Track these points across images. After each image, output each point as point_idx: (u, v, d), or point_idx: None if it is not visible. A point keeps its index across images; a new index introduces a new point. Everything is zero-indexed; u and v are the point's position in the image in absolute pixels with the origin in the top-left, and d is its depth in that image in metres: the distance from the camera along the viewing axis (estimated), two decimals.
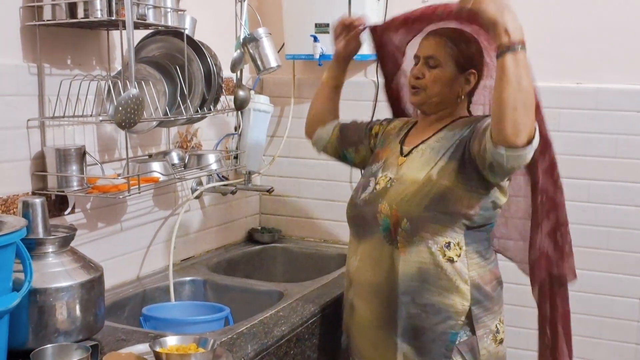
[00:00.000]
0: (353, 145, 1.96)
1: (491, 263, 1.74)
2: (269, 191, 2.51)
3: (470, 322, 1.68)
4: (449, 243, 1.65)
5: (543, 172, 1.71)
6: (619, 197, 2.28)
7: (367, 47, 2.47)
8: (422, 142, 1.76)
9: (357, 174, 2.59)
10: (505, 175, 1.63)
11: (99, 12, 1.66)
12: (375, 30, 1.90)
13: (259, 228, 2.75)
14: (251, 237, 2.71)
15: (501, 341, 1.75)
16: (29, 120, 1.74)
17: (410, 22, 1.80)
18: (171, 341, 1.49)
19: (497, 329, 1.73)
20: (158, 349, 1.43)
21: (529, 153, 1.52)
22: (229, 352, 1.54)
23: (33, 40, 1.72)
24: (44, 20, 1.70)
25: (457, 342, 1.67)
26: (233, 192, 2.46)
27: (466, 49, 1.73)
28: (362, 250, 1.77)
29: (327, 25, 2.47)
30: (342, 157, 2.00)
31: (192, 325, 1.79)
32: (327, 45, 2.48)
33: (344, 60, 1.95)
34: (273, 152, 2.70)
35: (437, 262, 1.65)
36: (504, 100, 1.47)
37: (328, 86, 1.98)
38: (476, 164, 1.62)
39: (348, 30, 1.90)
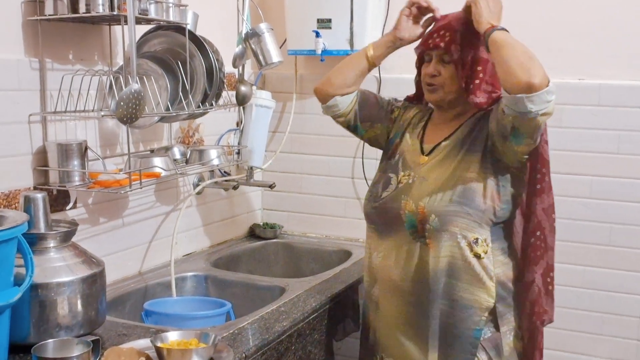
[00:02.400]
0: (369, 121, 1.90)
1: (512, 261, 1.74)
2: (271, 187, 2.51)
3: (495, 318, 1.68)
4: (477, 239, 1.66)
5: (542, 210, 1.71)
6: (621, 193, 2.27)
7: (369, 42, 2.48)
8: (444, 139, 1.76)
9: (358, 171, 2.61)
10: (531, 130, 1.57)
11: (101, 7, 1.66)
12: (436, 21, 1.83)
13: (261, 223, 2.75)
14: (253, 233, 2.71)
15: (522, 338, 1.74)
16: (30, 115, 1.74)
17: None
18: (172, 336, 1.50)
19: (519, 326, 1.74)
20: (159, 344, 1.44)
21: (550, 96, 1.50)
22: (230, 347, 1.54)
23: (35, 35, 1.72)
24: (45, 15, 1.70)
25: (481, 339, 1.68)
26: (235, 188, 2.46)
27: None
28: (385, 247, 1.76)
29: (329, 20, 2.47)
30: (351, 129, 1.93)
31: (193, 320, 1.79)
32: (328, 40, 2.48)
33: (401, 45, 1.85)
34: (275, 147, 2.70)
35: (465, 257, 1.66)
36: (505, 58, 1.52)
37: (367, 63, 1.87)
38: (497, 147, 1.64)
39: (421, 14, 1.82)
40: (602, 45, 2.26)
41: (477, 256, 1.66)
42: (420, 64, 1.83)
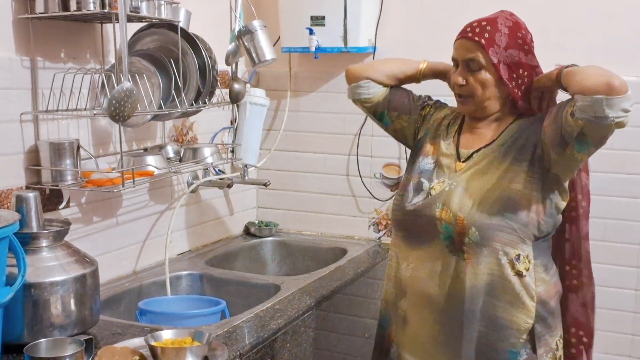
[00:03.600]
0: (396, 111, 1.79)
1: (554, 276, 1.65)
2: (266, 185, 2.50)
3: (532, 339, 1.58)
4: (519, 255, 1.55)
5: (584, 237, 1.70)
6: (616, 188, 2.27)
7: (363, 39, 2.49)
8: (484, 146, 1.64)
9: (353, 168, 2.61)
10: (599, 138, 1.48)
11: (92, 5, 1.65)
12: None
13: (256, 222, 2.75)
14: (248, 231, 2.71)
15: (560, 359, 1.66)
16: (22, 114, 1.73)
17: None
18: (166, 335, 1.49)
19: (557, 346, 1.64)
20: (153, 343, 1.43)
21: (628, 104, 1.41)
22: (225, 346, 1.53)
23: (26, 33, 1.71)
24: (36, 13, 1.69)
25: None
26: (229, 186, 2.45)
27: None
28: (416, 258, 1.64)
29: (323, 17, 2.46)
30: (377, 116, 1.83)
31: (188, 318, 1.79)
32: (322, 37, 2.47)
33: (445, 80, 1.77)
34: (269, 145, 2.69)
35: (505, 275, 1.55)
36: (581, 71, 1.48)
37: (414, 72, 1.79)
38: (549, 156, 1.54)
39: None
40: (598, 41, 2.26)
41: (519, 274, 1.55)
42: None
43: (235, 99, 2.21)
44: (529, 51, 1.62)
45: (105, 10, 1.65)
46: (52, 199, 1.81)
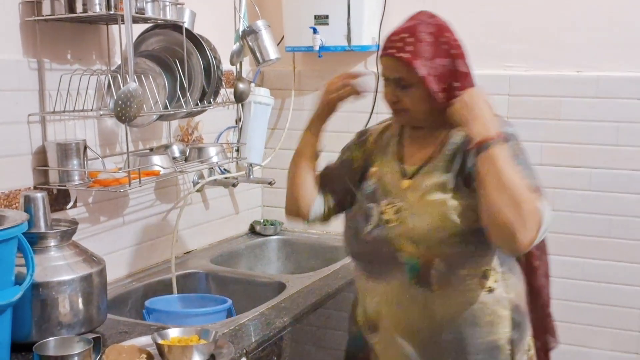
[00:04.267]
0: (345, 185, 1.67)
1: (521, 273, 1.59)
2: (271, 183, 2.51)
3: (512, 348, 1.53)
4: (485, 271, 1.49)
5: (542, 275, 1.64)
6: (620, 184, 2.27)
7: (366, 38, 2.50)
8: (428, 161, 1.54)
9: None
10: None
11: (97, 7, 1.67)
12: None
13: (261, 220, 2.76)
14: (253, 230, 2.72)
15: (531, 358, 1.61)
16: (29, 115, 1.74)
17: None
18: (173, 333, 1.51)
19: (529, 346, 1.60)
20: (160, 341, 1.45)
21: (538, 239, 1.38)
22: (231, 343, 1.55)
23: (33, 35, 1.73)
24: (43, 16, 1.71)
25: None
26: (234, 185, 2.47)
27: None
28: (382, 292, 1.54)
29: (327, 16, 2.47)
30: (349, 205, 1.67)
31: (194, 317, 1.80)
32: (326, 36, 2.48)
33: (330, 113, 1.67)
34: (274, 144, 2.70)
35: (478, 299, 1.48)
36: (488, 205, 1.36)
37: (309, 158, 1.69)
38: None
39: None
40: (600, 37, 2.27)
41: (490, 290, 1.49)
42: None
43: (240, 98, 2.22)
44: (458, 55, 1.49)
45: (111, 12, 1.66)
46: (59, 199, 1.83)
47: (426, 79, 1.45)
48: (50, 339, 1.42)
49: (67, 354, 1.34)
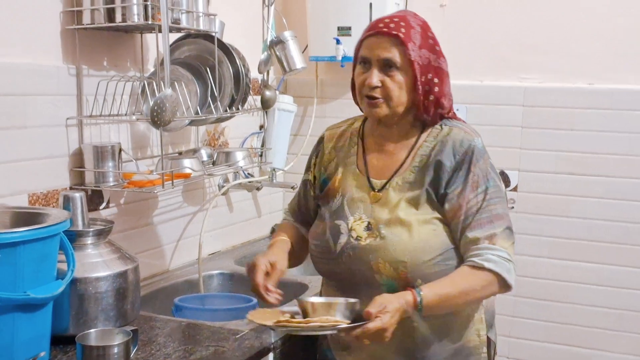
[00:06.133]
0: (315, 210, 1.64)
1: None
2: (293, 188, 2.57)
3: (489, 351, 1.56)
4: None
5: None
6: (635, 193, 2.32)
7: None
8: (395, 173, 1.49)
9: None
10: None
11: (136, 17, 1.74)
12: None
13: None
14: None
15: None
16: (67, 118, 1.82)
17: None
18: (316, 299, 1.44)
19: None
20: (308, 300, 1.40)
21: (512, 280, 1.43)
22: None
23: (72, 43, 1.81)
24: (83, 25, 1.79)
25: None
26: (258, 189, 2.54)
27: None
28: None
29: (350, 28, 2.55)
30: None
31: (222, 313, 1.86)
32: (348, 47, 2.55)
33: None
34: (296, 150, 2.77)
35: (456, 312, 1.49)
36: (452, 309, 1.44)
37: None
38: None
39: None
40: (612, 50, 2.32)
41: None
42: (356, 63, 1.51)
43: (267, 105, 2.29)
44: (440, 53, 1.47)
45: (149, 22, 1.74)
46: (93, 200, 1.91)
47: (414, 63, 1.41)
48: (92, 330, 1.48)
49: (109, 344, 1.40)
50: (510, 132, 2.46)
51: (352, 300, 1.37)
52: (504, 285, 1.42)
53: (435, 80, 1.45)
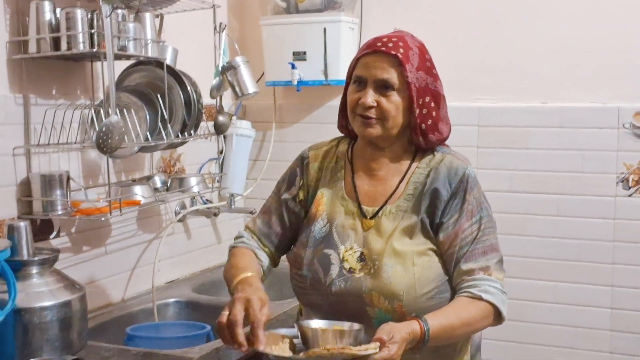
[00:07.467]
0: (289, 232, 1.59)
1: None
2: (252, 213, 2.57)
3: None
4: None
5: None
6: (587, 210, 2.35)
7: (343, 73, 2.59)
8: (388, 199, 1.44)
9: None
10: None
11: (82, 45, 1.76)
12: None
13: None
14: None
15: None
16: (15, 148, 1.81)
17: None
18: (316, 324, 1.35)
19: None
20: (307, 326, 1.31)
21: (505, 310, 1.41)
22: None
23: (19, 72, 1.81)
24: (29, 54, 1.79)
25: None
26: (216, 215, 2.53)
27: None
28: None
29: (305, 53, 2.58)
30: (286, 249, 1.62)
31: (174, 341, 1.84)
32: (304, 71, 2.58)
33: None
34: (256, 175, 2.78)
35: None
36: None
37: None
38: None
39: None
40: (563, 70, 2.37)
41: None
42: (349, 81, 1.46)
43: (220, 130, 2.30)
44: (437, 77, 1.46)
45: (94, 50, 1.75)
46: (43, 229, 1.89)
47: (412, 85, 1.39)
48: (36, 359, 1.46)
49: None
50: (466, 152, 2.42)
51: (357, 326, 1.31)
52: (498, 317, 1.40)
53: (432, 104, 1.43)
